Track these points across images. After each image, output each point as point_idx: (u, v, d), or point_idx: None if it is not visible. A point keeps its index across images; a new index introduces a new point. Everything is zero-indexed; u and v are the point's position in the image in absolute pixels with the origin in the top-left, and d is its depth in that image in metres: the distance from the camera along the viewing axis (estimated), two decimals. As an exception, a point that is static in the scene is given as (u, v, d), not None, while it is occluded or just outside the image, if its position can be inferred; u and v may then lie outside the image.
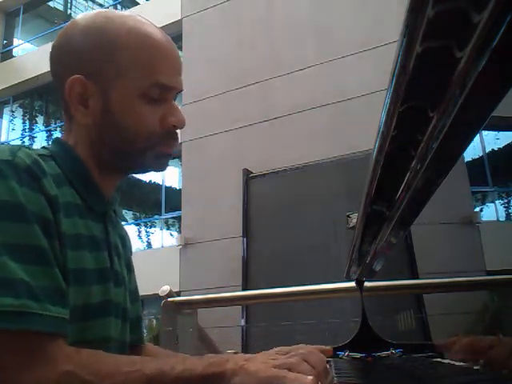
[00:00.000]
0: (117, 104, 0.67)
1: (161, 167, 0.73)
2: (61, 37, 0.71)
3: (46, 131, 11.95)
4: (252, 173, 4.75)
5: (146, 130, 0.68)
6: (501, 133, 7.93)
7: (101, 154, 0.71)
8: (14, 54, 12.99)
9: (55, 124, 11.89)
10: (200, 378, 0.53)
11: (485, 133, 7.59)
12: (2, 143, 11.60)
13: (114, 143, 0.69)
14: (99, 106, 0.68)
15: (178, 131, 0.74)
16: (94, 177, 0.71)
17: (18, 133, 12.28)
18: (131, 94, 0.67)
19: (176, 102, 0.73)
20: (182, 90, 0.73)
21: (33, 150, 0.66)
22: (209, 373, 0.53)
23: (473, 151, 7.44)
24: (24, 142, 11.84)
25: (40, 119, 12.30)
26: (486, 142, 7.68)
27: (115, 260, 0.72)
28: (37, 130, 12.26)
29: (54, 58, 0.71)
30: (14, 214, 0.56)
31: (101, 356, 0.57)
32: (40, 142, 11.73)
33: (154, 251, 9.49)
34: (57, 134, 11.08)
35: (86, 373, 0.53)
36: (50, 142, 0.74)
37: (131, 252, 0.88)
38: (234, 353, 0.84)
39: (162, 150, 0.71)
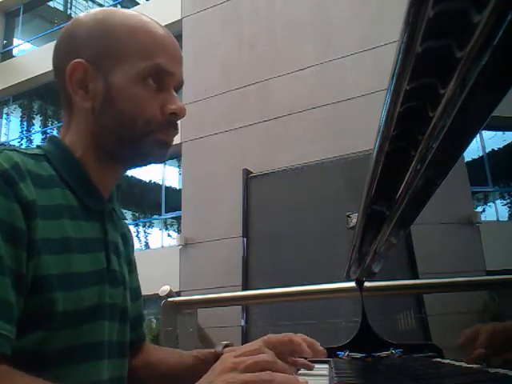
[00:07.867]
0: (117, 89, 0.67)
1: (160, 156, 0.72)
2: (64, 30, 0.72)
3: (44, 132, 11.94)
4: (252, 173, 4.74)
5: (145, 116, 0.67)
6: (499, 132, 7.94)
7: (101, 143, 0.69)
8: (13, 54, 13.00)
9: (52, 125, 11.89)
10: None
11: (489, 134, 7.60)
12: (2, 144, 11.60)
13: (114, 129, 0.68)
14: (99, 90, 0.67)
15: (179, 129, 0.73)
16: (91, 175, 0.70)
17: (14, 134, 12.27)
18: (131, 78, 0.67)
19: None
20: (182, 82, 0.73)
21: (23, 149, 0.65)
22: None
23: (473, 151, 7.45)
24: (22, 144, 11.84)
25: (39, 119, 12.30)
26: (486, 142, 7.69)
27: (113, 259, 0.71)
28: (36, 129, 12.25)
29: (57, 48, 0.72)
30: None
31: None
32: (38, 142, 11.72)
33: (153, 251, 9.49)
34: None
35: None
36: (45, 140, 0.73)
37: (133, 250, 0.87)
38: (226, 345, 0.83)
39: (162, 137, 0.70)
